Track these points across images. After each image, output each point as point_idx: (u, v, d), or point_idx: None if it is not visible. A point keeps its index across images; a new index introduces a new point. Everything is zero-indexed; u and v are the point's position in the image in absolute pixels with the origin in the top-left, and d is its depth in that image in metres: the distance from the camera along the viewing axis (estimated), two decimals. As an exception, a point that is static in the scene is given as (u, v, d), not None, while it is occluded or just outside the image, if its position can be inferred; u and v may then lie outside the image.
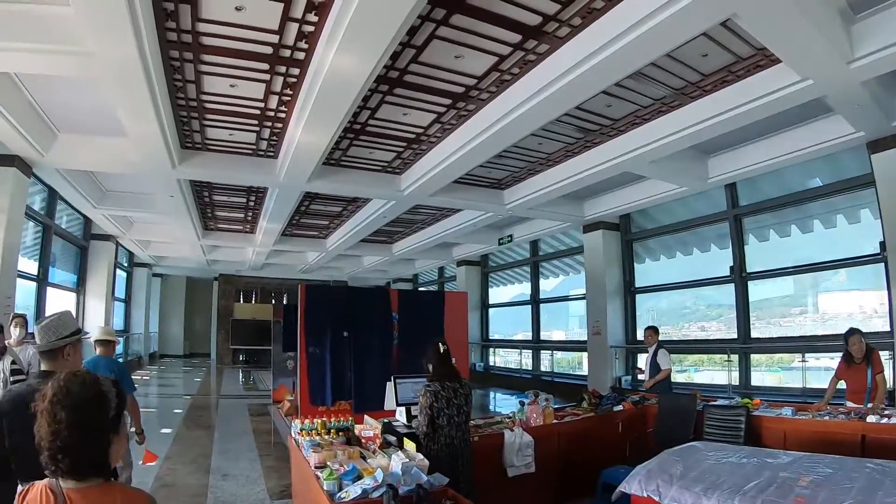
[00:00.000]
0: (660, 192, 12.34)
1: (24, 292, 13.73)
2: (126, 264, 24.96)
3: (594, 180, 11.34)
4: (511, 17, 6.40)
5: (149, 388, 18.66)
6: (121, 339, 23.10)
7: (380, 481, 3.89)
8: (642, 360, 10.28)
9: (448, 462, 5.12)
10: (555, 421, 7.32)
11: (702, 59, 7.30)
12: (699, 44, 6.72)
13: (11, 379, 5.75)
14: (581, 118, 9.10)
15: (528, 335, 20.51)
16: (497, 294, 23.12)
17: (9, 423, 3.01)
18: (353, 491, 3.92)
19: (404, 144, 10.46)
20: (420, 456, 4.47)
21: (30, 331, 7.19)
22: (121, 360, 20.58)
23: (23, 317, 7.59)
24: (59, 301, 17.09)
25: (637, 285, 15.14)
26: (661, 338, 9.66)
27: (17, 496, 2.30)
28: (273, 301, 30.64)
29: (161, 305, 31.44)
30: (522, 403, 7.35)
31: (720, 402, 8.26)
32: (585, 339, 15.89)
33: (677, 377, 12.91)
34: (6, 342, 6.65)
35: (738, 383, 11.95)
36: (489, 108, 8.53)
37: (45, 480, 2.14)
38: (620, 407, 8.24)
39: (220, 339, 29.05)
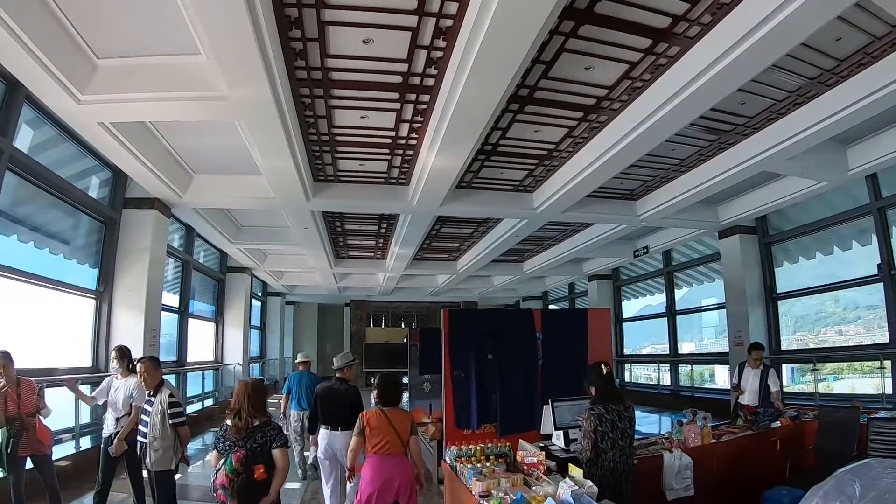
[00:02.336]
0: (798, 190, 11.58)
1: (168, 324, 14.42)
2: (260, 294, 26.03)
3: (730, 183, 10.80)
4: (639, 21, 6.19)
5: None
6: (257, 365, 24.39)
7: (553, 512, 3.75)
8: (747, 378, 9.52)
9: (612, 487, 4.94)
10: (713, 440, 6.99)
11: (835, 43, 6.81)
12: (831, 27, 6.23)
13: (169, 412, 5.94)
14: (714, 119, 8.68)
15: (661, 348, 19.93)
16: (629, 307, 22.46)
17: (322, 399, 7.16)
18: (526, 521, 3.79)
19: (536, 162, 10.32)
20: (589, 483, 4.32)
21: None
22: (266, 382, 21.46)
23: (119, 348, 7.42)
24: (200, 331, 18.01)
25: (779, 291, 14.26)
26: (796, 346, 9.05)
27: (360, 417, 5.67)
28: (402, 324, 31.06)
29: (294, 332, 32.60)
30: (680, 423, 7.05)
31: (882, 414, 7.71)
32: (719, 350, 15.24)
33: (816, 388, 12.41)
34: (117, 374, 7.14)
35: (891, 392, 10.95)
36: (622, 118, 8.28)
37: (375, 407, 5.58)
38: (778, 423, 7.80)
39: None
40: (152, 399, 6.07)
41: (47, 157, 9.37)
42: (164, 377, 6.35)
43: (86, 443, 9.72)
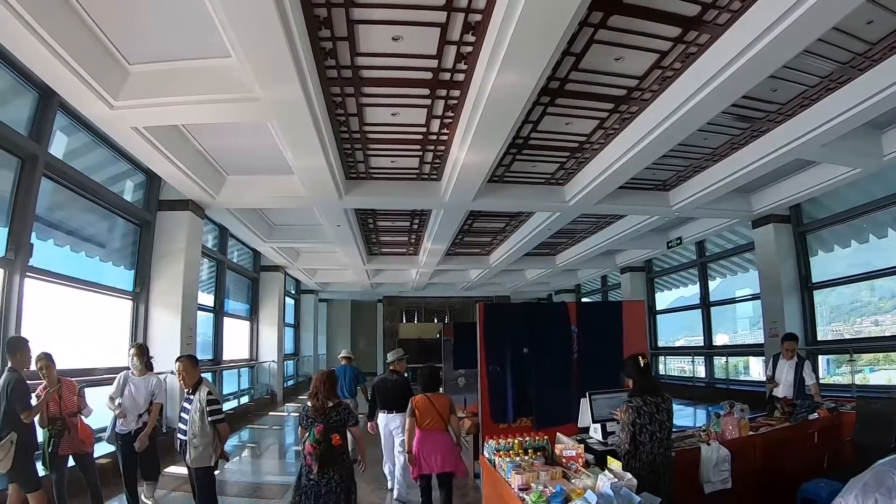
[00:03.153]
0: (832, 178, 11.34)
1: (203, 323, 14.68)
2: (294, 292, 26.29)
3: (763, 171, 10.62)
4: (668, 10, 6.12)
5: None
6: (291, 362, 24.75)
7: (593, 503, 3.74)
8: (781, 370, 9.34)
9: (650, 480, 4.92)
10: (750, 432, 6.91)
11: (867, 26, 6.66)
12: (863, 10, 6.07)
13: (208, 409, 6.01)
14: (746, 106, 8.53)
15: (695, 340, 19.74)
16: (662, 299, 22.27)
17: (379, 390, 8.54)
18: (565, 513, 3.80)
19: (567, 154, 10.28)
20: (628, 475, 4.31)
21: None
22: (291, 381, 23.45)
23: (138, 346, 7.85)
24: (236, 330, 18.30)
25: (814, 280, 14.00)
26: (832, 337, 8.88)
27: (410, 402, 7.11)
28: (435, 319, 31.20)
29: (328, 329, 33.01)
30: (718, 415, 6.99)
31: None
32: (753, 342, 15.05)
33: (853, 379, 12.26)
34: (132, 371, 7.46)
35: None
36: (653, 108, 8.20)
37: (421, 394, 7.13)
38: (815, 415, 7.70)
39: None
40: (191, 397, 6.15)
41: (82, 163, 9.57)
42: (203, 375, 6.44)
43: (126, 441, 9.81)
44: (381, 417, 8.54)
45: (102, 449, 8.96)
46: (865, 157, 10.32)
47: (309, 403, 5.86)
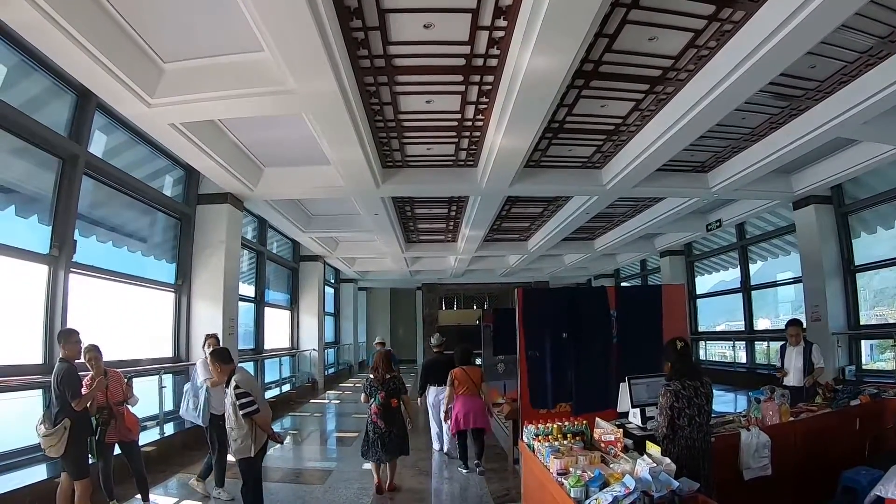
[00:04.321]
0: (874, 156, 11.06)
1: (245, 314, 14.96)
2: (333, 281, 26.68)
3: (803, 151, 10.37)
4: (703, -14, 6.01)
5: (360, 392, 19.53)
6: (332, 350, 25.15)
7: (631, 488, 3.73)
8: (790, 357, 9.15)
9: (688, 465, 4.91)
10: (791, 418, 6.81)
11: None
12: None
13: (238, 403, 6.01)
14: (784, 84, 8.34)
15: (736, 325, 19.51)
16: (702, 283, 21.97)
17: (430, 369, 10.36)
18: (604, 498, 3.78)
19: (603, 137, 10.18)
20: (667, 460, 4.27)
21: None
22: (332, 369, 25.03)
23: (214, 336, 8.50)
24: (277, 320, 18.62)
25: (857, 263, 13.65)
26: (875, 321, 8.63)
27: (450, 374, 8.98)
28: (475, 306, 31.16)
29: (367, 317, 33.42)
30: (758, 400, 6.90)
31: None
32: None
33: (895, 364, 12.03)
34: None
35: None
36: (689, 88, 8.06)
37: (458, 367, 8.98)
38: (857, 401, 7.50)
39: (427, 346, 29.59)
40: (227, 390, 6.20)
41: (122, 160, 9.84)
42: (241, 364, 6.57)
43: (169, 429, 10.14)
44: (432, 391, 10.16)
45: (148, 437, 9.28)
46: (908, 135, 10.02)
47: (371, 376, 8.07)
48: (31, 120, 7.62)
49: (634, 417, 6.40)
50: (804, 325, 8.99)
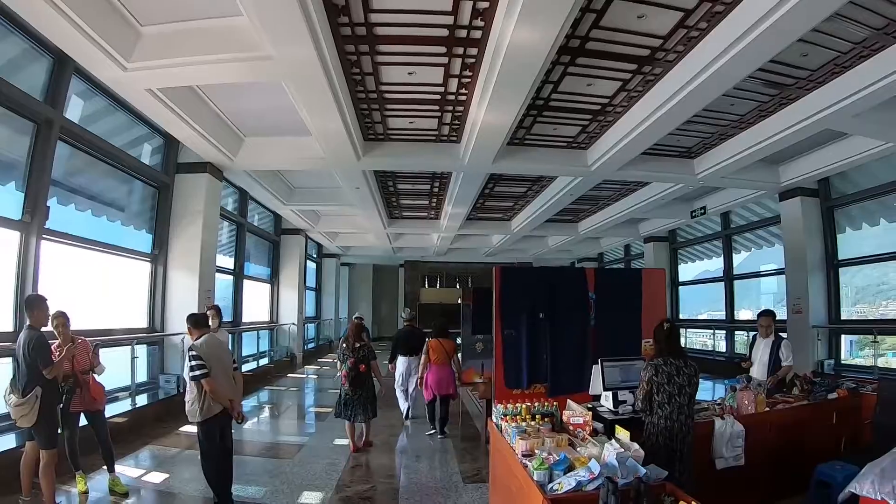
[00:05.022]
0: (863, 151, 10.99)
1: (223, 286, 14.97)
2: (315, 256, 26.64)
3: (792, 141, 10.30)
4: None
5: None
6: (312, 325, 25.26)
7: (596, 473, 3.63)
8: (757, 349, 8.77)
9: (666, 447, 4.88)
10: (766, 409, 6.70)
11: None
12: None
13: (189, 365, 6.04)
14: (775, 72, 8.23)
15: (718, 315, 19.45)
16: (686, 271, 21.91)
17: (401, 340, 11.21)
18: (567, 482, 3.69)
19: (589, 117, 10.05)
20: (636, 446, 4.17)
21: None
22: (312, 344, 25.33)
23: (216, 307, 9.09)
24: (256, 293, 18.57)
25: (840, 258, 13.59)
26: (856, 317, 8.46)
27: (426, 344, 10.30)
28: (457, 285, 31.10)
29: (349, 293, 33.50)
30: (734, 389, 6.81)
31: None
32: (777, 318, 14.77)
33: (876, 361, 12.00)
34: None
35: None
36: (678, 70, 7.93)
37: (434, 338, 10.11)
38: (835, 394, 7.43)
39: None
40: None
41: (100, 127, 9.66)
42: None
43: (142, 400, 10.07)
44: (402, 360, 11.07)
45: (119, 407, 9.31)
46: (898, 131, 9.95)
47: (344, 344, 8.99)
48: (5, 83, 7.44)
49: (606, 401, 6.31)
50: (776, 317, 8.72)
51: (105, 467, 6.86)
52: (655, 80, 8.45)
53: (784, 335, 8.87)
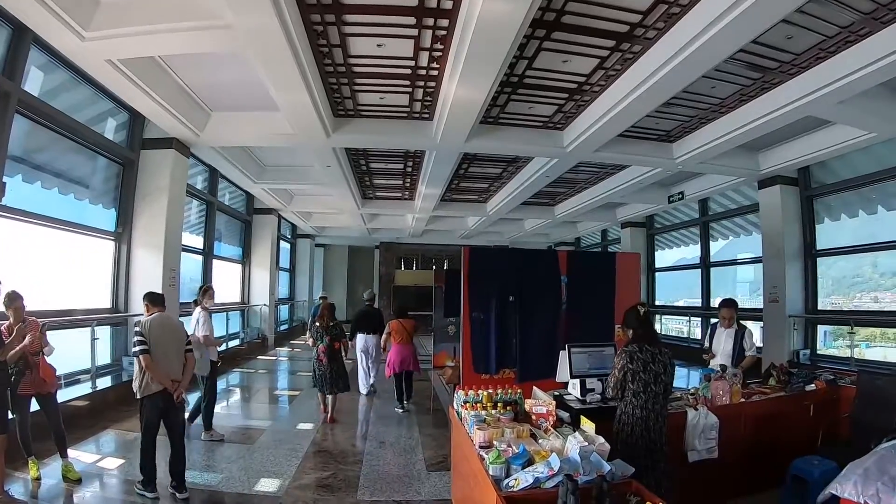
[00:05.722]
0: (845, 140, 10.85)
1: (193, 266, 14.78)
2: (289, 236, 26.40)
3: (773, 127, 10.10)
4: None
5: (312, 351, 19.22)
6: (286, 307, 25.26)
7: (556, 469, 3.37)
8: (719, 339, 8.24)
9: (643, 439, 4.67)
10: (742, 399, 6.49)
11: None
12: None
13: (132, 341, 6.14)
14: (758, 54, 7.99)
15: (694, 302, 19.30)
16: (662, 257, 21.77)
17: (360, 318, 12.07)
18: (524, 479, 3.43)
19: (566, 96, 9.74)
20: (601, 439, 3.91)
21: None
22: (285, 326, 25.52)
23: (210, 288, 9.50)
24: (227, 272, 18.42)
25: (818, 248, 13.55)
26: (830, 308, 8.17)
27: (388, 324, 11.04)
28: (433, 267, 30.96)
29: (324, 274, 33.29)
30: (708, 378, 6.51)
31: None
32: (753, 306, 14.82)
33: (852, 352, 11.90)
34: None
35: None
36: (658, 48, 7.64)
37: (395, 319, 10.92)
38: (813, 386, 7.17)
39: (382, 306, 29.21)
40: None
41: (63, 101, 9.30)
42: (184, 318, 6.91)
43: (103, 383, 9.80)
44: (360, 338, 11.88)
45: (79, 391, 9.14)
46: (883, 121, 9.79)
47: (318, 323, 9.99)
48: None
49: (574, 389, 6.08)
50: (738, 307, 8.37)
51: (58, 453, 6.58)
52: (634, 58, 8.16)
53: (747, 324, 8.48)
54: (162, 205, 11.31)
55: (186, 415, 7.34)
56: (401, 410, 10.57)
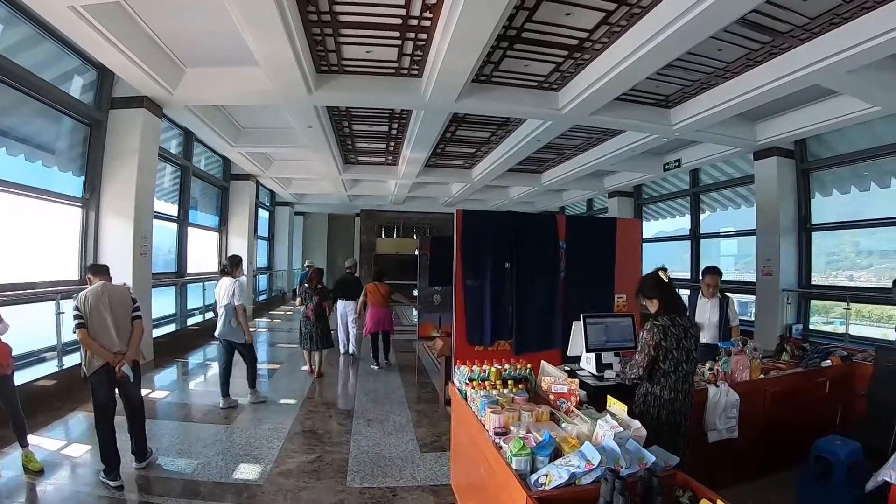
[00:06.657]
0: (847, 113, 10.59)
1: (167, 235, 14.35)
2: (268, 203, 25.95)
3: (777, 95, 9.68)
4: None
5: (293, 322, 18.83)
6: (264, 276, 25.22)
7: (595, 463, 2.83)
8: (703, 310, 7.78)
9: (670, 423, 4.24)
10: (761, 375, 6.11)
11: None
12: None
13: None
14: (770, 15, 7.53)
15: (682, 273, 18.87)
16: (650, 228, 21.31)
17: (339, 285, 12.92)
18: (556, 474, 2.88)
19: (565, 54, 9.18)
20: (637, 423, 3.40)
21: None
22: (264, 296, 25.27)
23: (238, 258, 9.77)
24: (203, 241, 17.99)
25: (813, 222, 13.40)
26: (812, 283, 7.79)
27: (364, 288, 12.52)
28: (415, 235, 30.66)
29: (304, 243, 33.12)
30: (729, 352, 6.10)
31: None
32: (741, 280, 15.00)
33: (848, 329, 11.85)
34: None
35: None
36: (668, 2, 7.14)
37: (372, 283, 12.46)
38: (829, 362, 6.81)
39: (363, 274, 28.69)
40: None
41: (26, 58, 8.69)
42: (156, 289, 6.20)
43: (71, 360, 9.20)
44: (340, 303, 12.83)
45: (44, 369, 8.70)
46: (889, 94, 9.50)
47: (307, 285, 11.08)
48: None
49: (588, 364, 5.59)
50: (722, 275, 7.94)
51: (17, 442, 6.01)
52: (642, 12, 7.63)
53: (730, 295, 8.08)
54: (132, 168, 10.71)
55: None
56: (377, 367, 11.89)
